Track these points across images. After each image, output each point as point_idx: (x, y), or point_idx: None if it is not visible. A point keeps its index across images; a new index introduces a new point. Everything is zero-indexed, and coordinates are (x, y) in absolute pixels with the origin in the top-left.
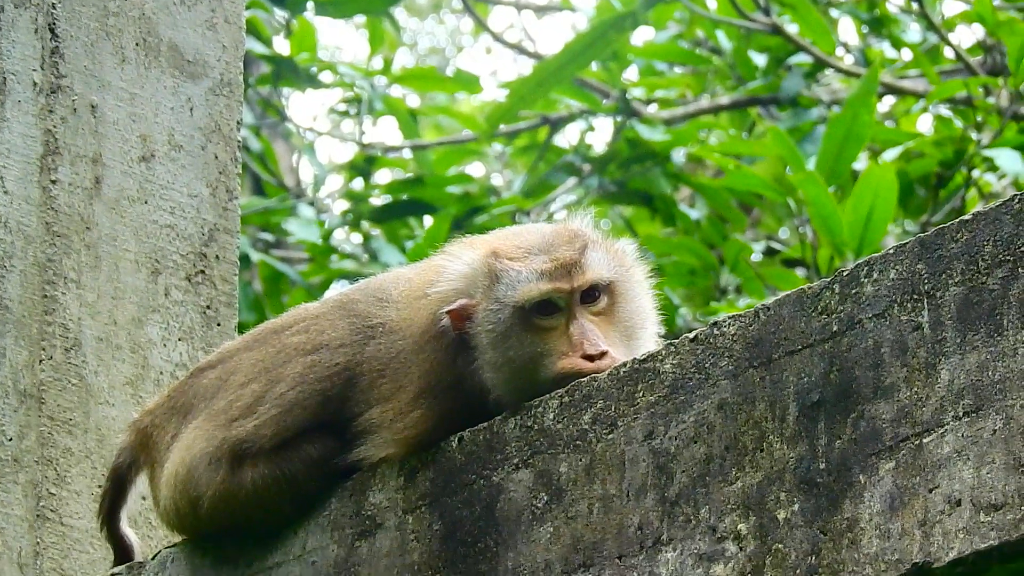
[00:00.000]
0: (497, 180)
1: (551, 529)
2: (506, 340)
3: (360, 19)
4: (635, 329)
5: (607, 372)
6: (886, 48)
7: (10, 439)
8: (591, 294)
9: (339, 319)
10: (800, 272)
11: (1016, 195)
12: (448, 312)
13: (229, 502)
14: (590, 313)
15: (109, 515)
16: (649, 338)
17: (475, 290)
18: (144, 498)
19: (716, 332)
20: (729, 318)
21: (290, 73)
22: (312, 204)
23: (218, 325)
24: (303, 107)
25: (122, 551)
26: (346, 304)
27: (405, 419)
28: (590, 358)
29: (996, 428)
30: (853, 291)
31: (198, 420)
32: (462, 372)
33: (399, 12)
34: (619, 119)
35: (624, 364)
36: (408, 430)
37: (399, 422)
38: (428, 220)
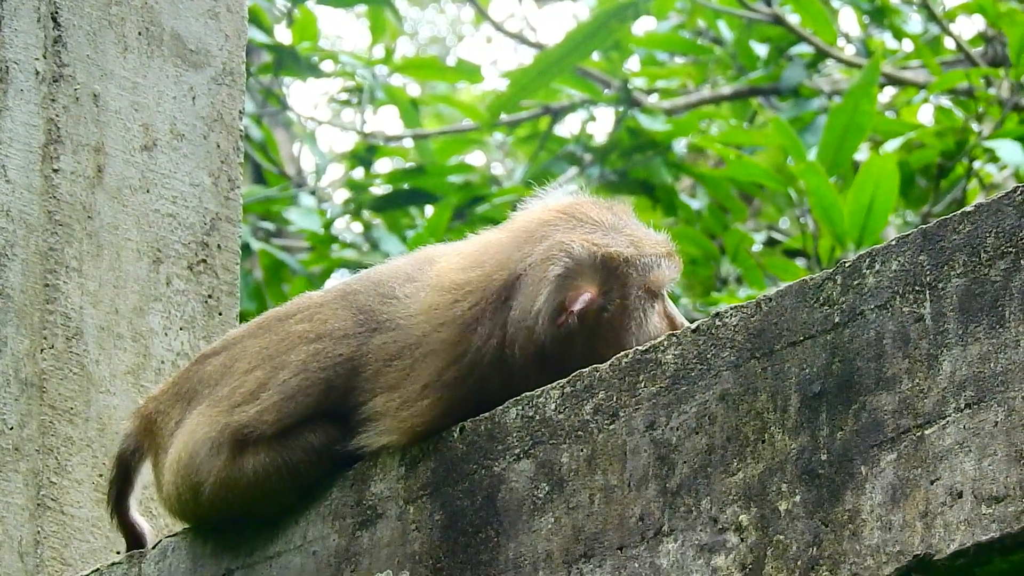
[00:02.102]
0: (498, 169)
1: (552, 519)
2: (644, 325)
3: (361, 8)
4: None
5: (608, 363)
6: (887, 39)
7: (11, 428)
8: None
9: (342, 309)
10: (801, 262)
11: (1018, 186)
12: (581, 310)
13: (230, 489)
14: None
15: (118, 502)
16: None
17: (590, 284)
18: (145, 487)
19: (718, 323)
20: (731, 309)
21: (291, 62)
22: (313, 193)
23: (220, 314)
24: (304, 96)
25: (133, 538)
26: (349, 295)
27: (412, 407)
28: None
29: (998, 420)
30: (855, 282)
31: (202, 406)
32: (531, 374)
33: (400, 1)
34: (620, 109)
35: (626, 354)
36: (414, 418)
37: (405, 410)
38: (429, 209)
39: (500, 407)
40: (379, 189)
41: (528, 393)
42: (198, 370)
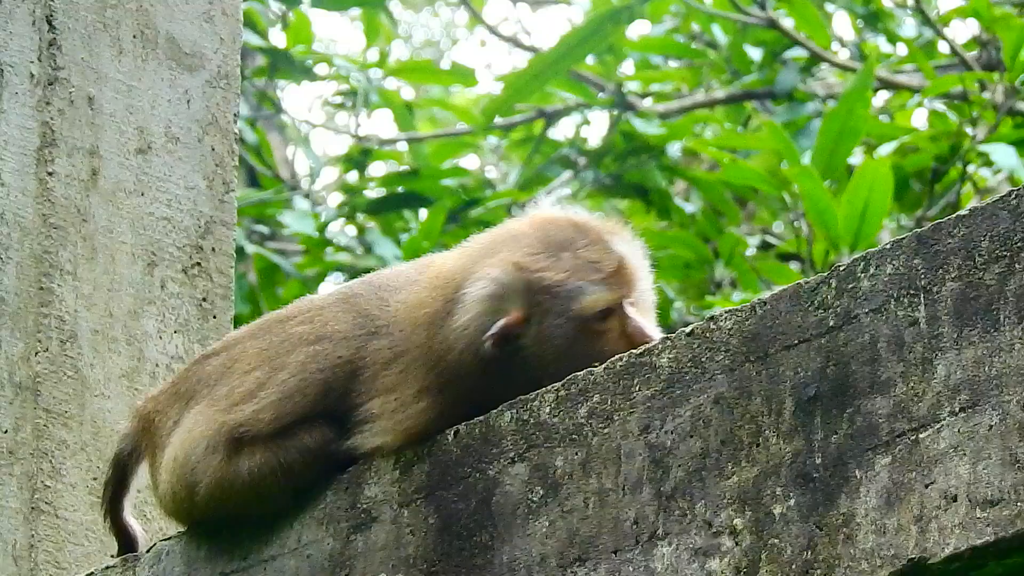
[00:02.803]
0: (492, 173)
1: (547, 523)
2: (570, 350)
3: (355, 11)
4: (650, 308)
5: (603, 366)
6: (881, 43)
7: (5, 431)
8: None
9: (343, 313)
10: (795, 266)
11: (1013, 190)
12: (493, 336)
13: (226, 489)
14: (629, 304)
15: (112, 504)
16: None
17: (516, 307)
18: (139, 491)
19: (712, 326)
20: (725, 312)
21: (286, 65)
22: (307, 196)
23: (214, 318)
24: (298, 99)
25: (126, 541)
26: (350, 298)
27: (407, 410)
28: None
29: (992, 424)
30: (850, 286)
31: (200, 405)
32: (491, 386)
33: (394, 4)
34: (615, 112)
35: (620, 357)
36: (409, 421)
37: (400, 413)
38: (423, 213)
39: (494, 410)
40: (373, 192)
41: (522, 396)
42: (197, 370)
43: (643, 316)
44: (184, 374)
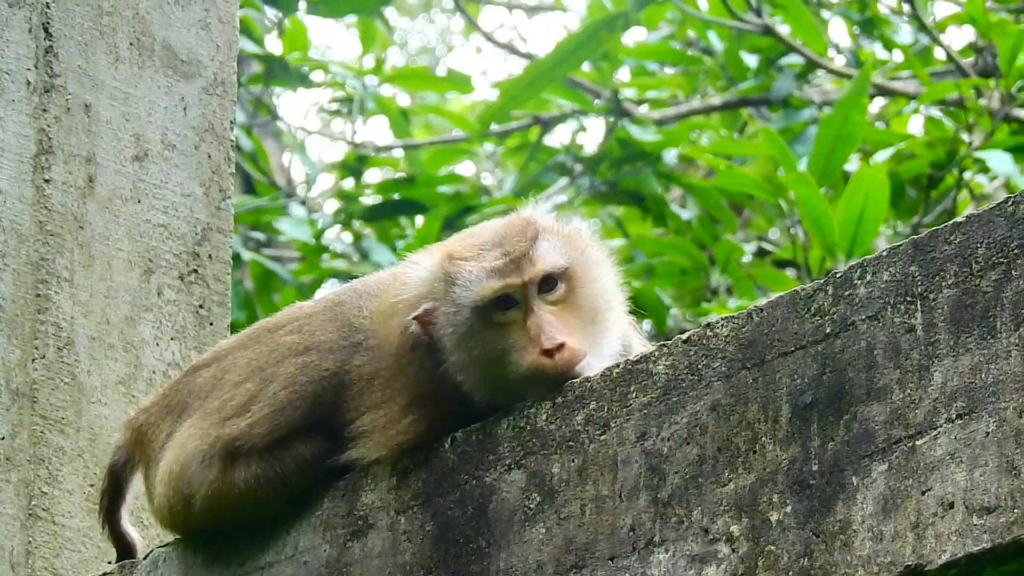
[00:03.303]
0: (488, 180)
1: (543, 530)
2: (469, 341)
3: (351, 18)
4: (598, 311)
5: (600, 373)
6: (877, 49)
7: (2, 437)
8: (547, 284)
9: (329, 322)
10: (791, 273)
11: (1010, 197)
12: (415, 319)
13: (222, 500)
14: (548, 303)
15: (109, 513)
16: (615, 318)
17: (435, 294)
18: (136, 498)
19: (709, 333)
20: (722, 319)
21: (282, 72)
22: (303, 203)
23: (211, 324)
24: (294, 106)
25: (124, 548)
26: (336, 306)
27: (397, 425)
28: (549, 353)
29: (989, 430)
30: (846, 293)
31: (193, 418)
32: (442, 377)
33: (390, 11)
34: (610, 119)
35: (617, 365)
36: (400, 436)
37: (391, 428)
38: (419, 220)
39: (491, 417)
40: (369, 199)
41: (519, 403)
42: (188, 382)
43: (567, 316)
44: (175, 386)
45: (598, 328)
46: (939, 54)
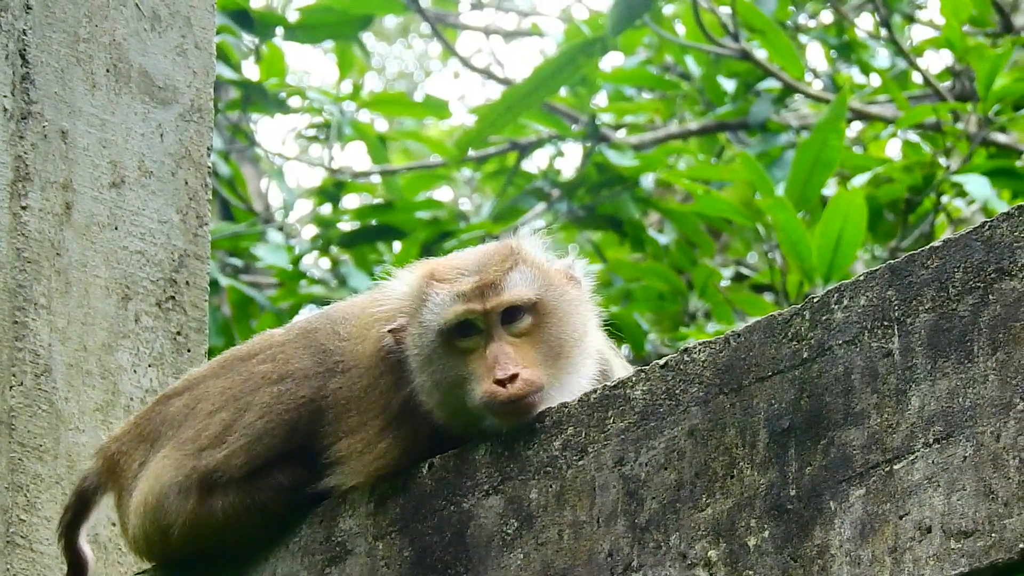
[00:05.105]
0: (466, 205)
1: (521, 555)
2: (432, 364)
3: (329, 44)
4: (564, 348)
5: (577, 399)
6: (855, 74)
7: None
8: (512, 315)
9: (303, 349)
10: (769, 297)
11: (986, 221)
12: (391, 331)
13: (200, 530)
14: (511, 334)
15: (68, 529)
16: (584, 357)
17: (408, 311)
18: (114, 524)
19: (686, 358)
20: (699, 344)
21: (259, 98)
22: (281, 229)
23: (188, 351)
24: (272, 132)
25: (77, 565)
26: (309, 333)
27: (374, 450)
28: (502, 383)
29: (966, 455)
30: (823, 317)
31: (166, 449)
32: (411, 396)
33: (367, 37)
34: (588, 144)
35: (594, 390)
36: (377, 461)
37: (368, 454)
38: (397, 245)
39: (469, 443)
40: (347, 225)
41: (493, 429)
42: (160, 410)
43: (528, 349)
44: (147, 414)
45: (563, 364)
46: (916, 78)
